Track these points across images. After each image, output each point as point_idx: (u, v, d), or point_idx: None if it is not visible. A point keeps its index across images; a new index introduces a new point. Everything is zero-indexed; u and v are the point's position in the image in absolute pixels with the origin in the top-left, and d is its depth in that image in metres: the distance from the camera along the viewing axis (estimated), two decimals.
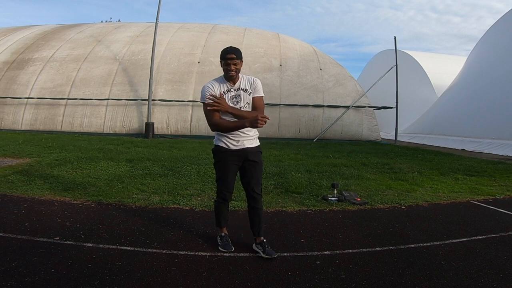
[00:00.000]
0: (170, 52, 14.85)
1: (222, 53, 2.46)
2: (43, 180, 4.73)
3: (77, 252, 2.51)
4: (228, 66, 2.43)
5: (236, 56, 2.43)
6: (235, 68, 2.44)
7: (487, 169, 6.87)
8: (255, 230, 2.63)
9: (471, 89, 14.38)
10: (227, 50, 2.45)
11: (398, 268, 2.40)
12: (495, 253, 2.71)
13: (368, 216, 3.66)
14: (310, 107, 13.67)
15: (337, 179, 5.38)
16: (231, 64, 2.42)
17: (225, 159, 2.56)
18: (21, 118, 13.54)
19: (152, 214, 3.50)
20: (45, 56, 14.97)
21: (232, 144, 2.53)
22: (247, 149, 2.55)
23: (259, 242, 2.61)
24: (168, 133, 13.18)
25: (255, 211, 2.61)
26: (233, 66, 2.43)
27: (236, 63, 2.43)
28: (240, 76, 2.54)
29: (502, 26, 14.11)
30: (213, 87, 2.50)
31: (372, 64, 26.10)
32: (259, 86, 2.58)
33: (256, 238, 2.64)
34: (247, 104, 2.53)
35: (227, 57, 2.42)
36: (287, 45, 15.89)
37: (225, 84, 2.51)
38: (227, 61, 2.42)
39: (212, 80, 2.57)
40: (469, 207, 4.18)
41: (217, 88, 2.50)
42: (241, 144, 2.53)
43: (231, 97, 2.50)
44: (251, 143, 2.58)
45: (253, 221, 2.62)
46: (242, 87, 2.53)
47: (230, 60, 2.42)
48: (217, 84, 2.52)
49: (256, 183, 2.57)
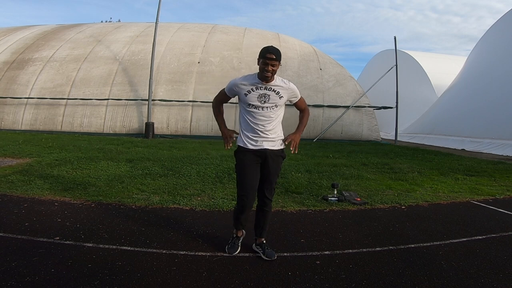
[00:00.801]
0: (170, 52, 14.85)
1: (263, 52, 2.35)
2: (43, 180, 4.73)
3: (77, 252, 2.51)
4: (266, 66, 2.32)
5: (276, 58, 2.33)
6: (272, 69, 2.34)
7: (487, 169, 6.87)
8: (258, 231, 2.62)
9: (471, 89, 14.38)
10: (268, 50, 2.34)
11: (398, 268, 2.40)
12: (495, 253, 2.71)
13: (368, 216, 3.66)
14: (310, 107, 13.33)
15: (337, 179, 5.38)
16: (269, 64, 2.32)
17: (244, 159, 2.47)
18: (21, 118, 13.54)
19: (152, 214, 3.50)
20: (45, 56, 14.97)
21: (250, 144, 2.46)
22: (267, 150, 2.46)
23: (259, 243, 2.61)
24: (168, 133, 13.18)
25: (263, 213, 2.58)
26: (270, 67, 2.33)
27: (274, 64, 2.34)
28: (275, 77, 2.44)
29: (502, 26, 14.11)
30: (242, 84, 2.43)
31: (372, 64, 26.11)
32: (296, 91, 2.54)
33: (257, 238, 2.63)
34: (275, 106, 2.45)
35: (267, 56, 2.31)
36: (287, 45, 15.88)
37: (255, 82, 2.43)
38: (266, 61, 2.32)
39: (243, 77, 2.48)
40: (469, 207, 4.18)
41: (246, 85, 2.42)
42: (260, 144, 2.45)
43: (259, 95, 2.41)
44: (272, 146, 2.49)
45: (259, 221, 2.61)
46: (275, 88, 2.43)
47: (270, 60, 2.31)
48: (246, 81, 2.44)
49: (268, 187, 2.52)
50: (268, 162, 2.47)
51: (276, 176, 2.54)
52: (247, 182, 2.44)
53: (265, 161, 2.48)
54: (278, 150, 2.51)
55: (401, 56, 18.48)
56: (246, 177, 2.45)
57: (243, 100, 2.45)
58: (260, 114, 2.42)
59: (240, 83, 2.44)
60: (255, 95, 2.41)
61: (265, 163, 2.48)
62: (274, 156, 2.49)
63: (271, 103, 2.43)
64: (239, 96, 2.47)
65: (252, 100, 2.42)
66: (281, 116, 2.55)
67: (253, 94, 2.41)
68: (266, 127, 2.45)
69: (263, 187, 2.51)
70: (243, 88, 2.43)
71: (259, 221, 2.61)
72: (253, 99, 2.42)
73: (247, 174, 2.44)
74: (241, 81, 2.45)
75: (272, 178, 2.51)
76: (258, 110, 2.43)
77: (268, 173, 2.49)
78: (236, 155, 2.52)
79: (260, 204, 2.59)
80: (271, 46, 2.39)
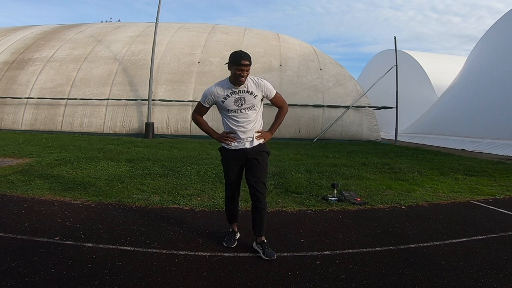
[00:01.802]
0: (170, 52, 14.85)
1: (236, 58, 2.41)
2: (43, 180, 4.73)
3: (77, 252, 2.51)
4: (241, 72, 2.41)
5: (249, 63, 2.43)
6: (246, 74, 2.44)
7: (487, 169, 6.87)
8: (257, 230, 2.63)
9: (471, 89, 14.37)
10: (242, 56, 2.41)
11: (398, 268, 2.40)
12: (495, 253, 2.71)
13: (368, 216, 3.66)
14: (310, 107, 13.66)
15: (337, 179, 5.38)
16: (244, 70, 2.41)
17: (226, 158, 2.68)
18: (21, 118, 13.54)
19: (152, 214, 3.50)
20: (45, 56, 14.97)
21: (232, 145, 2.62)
22: (247, 149, 2.60)
23: (260, 241, 2.61)
24: (168, 133, 13.18)
25: (257, 210, 2.60)
26: (245, 73, 2.43)
27: (248, 69, 2.44)
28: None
29: (502, 26, 14.10)
30: (217, 92, 2.53)
31: (372, 64, 26.10)
32: (269, 87, 2.59)
33: (257, 237, 2.65)
34: (252, 106, 2.55)
35: (241, 63, 2.39)
36: (287, 45, 15.88)
37: (229, 88, 2.52)
38: (241, 67, 2.40)
39: (216, 85, 2.57)
40: (469, 207, 4.18)
41: (221, 93, 2.53)
42: (242, 144, 2.60)
43: (235, 99, 2.52)
44: (251, 144, 2.61)
45: (255, 220, 2.62)
46: (247, 89, 2.52)
47: (245, 66, 2.40)
48: (220, 88, 2.53)
49: (257, 181, 2.57)
50: (252, 160, 2.60)
51: (263, 170, 2.62)
52: (231, 176, 2.68)
53: (249, 159, 2.61)
54: (257, 146, 2.62)
55: (401, 56, 18.47)
56: (230, 171, 2.68)
57: (222, 107, 2.57)
58: (240, 117, 2.56)
59: (215, 91, 2.53)
60: (232, 100, 2.52)
61: (250, 160, 2.61)
62: (255, 153, 2.61)
63: (247, 104, 2.54)
64: (216, 104, 2.58)
65: (230, 105, 2.53)
66: (260, 112, 2.67)
67: (229, 99, 2.53)
68: (247, 127, 2.58)
69: (252, 181, 2.58)
70: (218, 95, 2.53)
71: (255, 220, 2.63)
72: (231, 104, 2.53)
73: (230, 170, 2.67)
74: (215, 89, 2.54)
75: (259, 173, 2.59)
76: (237, 113, 2.55)
77: (254, 167, 2.60)
78: (221, 152, 2.73)
79: (253, 201, 2.62)
80: (242, 52, 2.47)
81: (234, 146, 2.60)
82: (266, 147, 2.70)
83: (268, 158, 2.69)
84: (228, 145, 2.60)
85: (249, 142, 2.60)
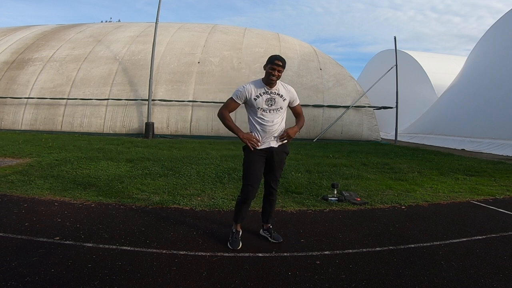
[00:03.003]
0: (170, 52, 14.85)
1: (272, 58, 2.64)
2: (43, 180, 4.73)
3: (77, 252, 2.51)
4: (273, 71, 2.60)
5: (283, 65, 2.63)
6: (278, 75, 2.61)
7: (487, 169, 6.86)
8: (265, 218, 2.94)
9: (471, 89, 14.36)
10: (277, 57, 2.65)
11: (398, 268, 2.40)
12: (495, 253, 2.71)
13: (368, 216, 3.66)
14: (310, 107, 13.66)
15: (337, 179, 5.38)
16: (276, 69, 2.60)
17: (251, 156, 2.72)
18: (21, 118, 13.54)
19: (152, 214, 3.50)
20: (45, 56, 14.97)
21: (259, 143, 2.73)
22: (272, 148, 2.74)
23: (266, 228, 2.92)
24: (168, 133, 13.18)
25: (270, 202, 2.90)
26: (277, 72, 2.60)
27: (280, 70, 2.62)
28: (277, 82, 2.72)
29: (502, 26, 14.10)
30: (251, 89, 2.67)
31: (372, 64, 26.09)
32: (295, 94, 2.82)
33: (264, 224, 2.95)
34: (280, 108, 2.72)
35: (275, 62, 2.61)
36: (287, 45, 15.88)
37: (262, 87, 2.68)
38: (274, 66, 2.60)
39: (250, 83, 2.73)
40: (469, 207, 4.18)
41: (254, 91, 2.68)
42: (267, 143, 2.73)
43: (266, 99, 2.68)
44: (276, 143, 2.76)
45: (265, 209, 2.93)
46: (279, 92, 2.71)
47: (277, 66, 2.60)
48: (254, 87, 2.69)
49: (274, 179, 2.83)
50: (273, 158, 2.75)
51: (280, 169, 2.85)
52: (253, 175, 2.69)
53: (271, 157, 2.75)
54: (282, 146, 2.80)
55: (401, 56, 18.47)
56: (253, 171, 2.70)
57: (253, 104, 2.69)
58: (268, 116, 2.70)
59: (249, 89, 2.69)
60: (263, 99, 2.68)
61: (271, 159, 2.76)
62: (278, 152, 2.77)
63: (276, 106, 2.71)
64: (248, 101, 2.71)
65: (261, 104, 2.68)
66: (285, 117, 2.84)
67: (261, 98, 2.68)
68: (273, 127, 2.72)
69: (269, 178, 2.83)
70: (252, 93, 2.68)
71: (265, 209, 2.93)
72: (262, 103, 2.68)
73: (254, 169, 2.71)
74: (250, 87, 2.69)
75: (277, 172, 2.82)
76: (266, 112, 2.70)
77: (273, 167, 2.78)
78: (245, 150, 2.78)
79: (266, 194, 2.90)
80: (279, 55, 2.71)
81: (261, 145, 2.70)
82: (288, 147, 2.86)
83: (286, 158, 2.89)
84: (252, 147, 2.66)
85: (274, 141, 2.74)
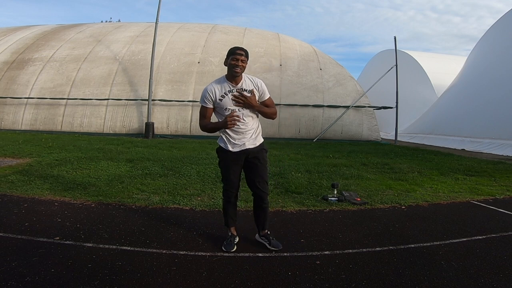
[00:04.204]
0: (170, 52, 14.85)
1: (232, 49, 2.46)
2: (43, 180, 4.73)
3: (77, 252, 2.51)
4: (237, 62, 2.40)
5: (245, 54, 2.45)
6: (242, 65, 2.42)
7: (487, 169, 6.86)
8: (260, 224, 2.71)
9: (471, 89, 14.36)
10: (237, 47, 2.48)
11: (398, 268, 2.40)
12: (495, 253, 2.71)
13: (368, 216, 3.66)
14: (310, 107, 13.66)
15: (337, 179, 5.38)
16: (239, 59, 2.40)
17: (226, 159, 2.59)
18: (21, 118, 13.54)
19: (152, 214, 3.50)
20: (45, 56, 14.97)
21: (232, 146, 2.55)
22: (248, 150, 2.56)
23: (264, 234, 2.70)
24: (168, 133, 13.18)
25: (262, 209, 2.66)
26: (240, 63, 2.41)
27: (244, 60, 2.43)
28: (242, 75, 2.52)
29: (502, 26, 14.09)
30: (214, 90, 2.48)
31: (372, 64, 26.08)
32: (265, 88, 2.59)
33: (260, 231, 2.73)
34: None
35: (236, 52, 2.42)
36: (287, 45, 15.88)
37: (226, 85, 2.48)
38: (236, 56, 2.40)
39: (212, 83, 2.53)
40: (469, 207, 4.18)
41: (218, 91, 2.48)
42: (242, 145, 2.54)
43: (233, 97, 2.48)
44: (253, 143, 2.58)
45: (259, 216, 2.70)
46: (245, 87, 2.50)
47: (239, 55, 2.41)
48: (218, 86, 2.49)
49: (260, 181, 2.58)
50: (253, 159, 2.57)
51: (265, 168, 2.63)
52: (231, 178, 2.59)
53: (249, 159, 2.56)
54: (259, 146, 2.60)
55: (401, 56, 18.46)
56: (228, 176, 2.60)
57: (219, 106, 2.50)
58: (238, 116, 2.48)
59: (212, 89, 2.48)
60: (229, 99, 2.47)
61: (250, 160, 2.57)
62: (256, 152, 2.58)
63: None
64: (214, 103, 2.51)
65: (228, 103, 2.47)
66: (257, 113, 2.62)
67: (227, 98, 2.48)
68: (247, 127, 2.52)
69: (256, 181, 2.58)
70: (216, 93, 2.48)
71: (259, 216, 2.70)
72: (228, 103, 2.47)
73: (228, 174, 2.59)
74: (212, 87, 2.49)
75: (262, 172, 2.59)
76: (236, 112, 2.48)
77: (256, 167, 2.57)
78: (219, 154, 2.64)
79: (257, 200, 2.65)
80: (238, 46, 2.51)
81: (234, 148, 2.53)
82: (265, 145, 2.69)
83: (267, 155, 2.69)
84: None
85: (249, 142, 2.55)
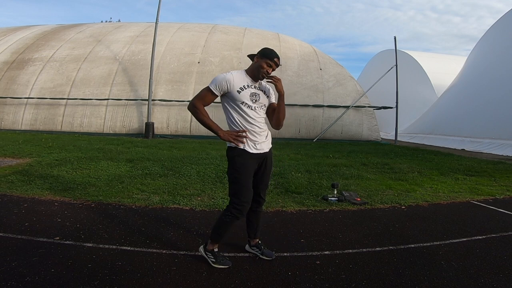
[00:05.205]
0: (170, 52, 14.85)
1: (271, 53, 2.28)
2: (43, 180, 4.73)
3: (77, 252, 2.51)
4: (268, 68, 2.27)
5: (278, 64, 2.32)
6: (270, 73, 2.31)
7: (487, 169, 6.86)
8: (252, 232, 2.53)
9: (471, 89, 14.37)
10: (276, 54, 2.31)
11: (398, 268, 2.40)
12: (495, 253, 2.71)
13: (368, 216, 3.66)
14: (310, 107, 13.67)
15: (337, 179, 5.38)
16: (272, 67, 2.29)
17: (246, 165, 2.27)
18: (21, 118, 13.54)
19: (152, 214, 3.50)
20: (45, 56, 14.97)
21: (253, 148, 2.30)
22: (266, 154, 2.37)
23: (255, 244, 2.55)
24: (168, 133, 13.18)
25: (256, 214, 2.50)
26: (271, 70, 2.29)
27: (274, 69, 2.32)
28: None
29: (502, 26, 14.11)
30: (234, 79, 2.23)
31: (372, 64, 26.11)
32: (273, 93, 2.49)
33: (251, 240, 2.56)
34: (264, 106, 2.37)
35: (274, 60, 2.27)
36: (287, 45, 15.89)
37: (247, 79, 2.31)
38: (271, 63, 2.26)
39: (232, 72, 2.29)
40: (469, 207, 4.18)
41: (238, 81, 2.25)
42: (261, 147, 2.33)
43: (251, 93, 2.28)
44: (268, 147, 2.41)
45: (252, 223, 2.51)
46: (262, 88, 2.38)
47: (275, 64, 2.29)
48: (239, 76, 2.28)
49: (264, 188, 2.45)
50: (266, 165, 2.39)
51: (270, 174, 2.49)
52: (248, 190, 2.28)
53: (263, 164, 2.38)
54: (270, 149, 2.44)
55: (401, 56, 18.49)
56: (248, 182, 2.29)
57: (235, 98, 2.24)
58: (254, 114, 2.28)
59: (231, 78, 2.23)
60: (248, 93, 2.26)
61: (262, 166, 2.38)
62: (269, 157, 2.41)
63: (260, 103, 2.33)
64: (228, 93, 2.25)
65: (245, 98, 2.25)
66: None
67: (246, 91, 2.26)
68: (262, 127, 2.34)
69: (260, 188, 2.41)
70: (235, 83, 2.23)
71: (252, 222, 2.51)
72: (246, 97, 2.26)
73: (248, 182, 2.28)
74: (232, 76, 2.24)
75: (268, 179, 2.46)
76: (250, 109, 2.28)
77: (265, 174, 2.41)
78: (236, 159, 2.27)
79: (254, 206, 2.42)
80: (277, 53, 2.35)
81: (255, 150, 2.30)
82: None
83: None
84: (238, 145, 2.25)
85: (266, 145, 2.37)
